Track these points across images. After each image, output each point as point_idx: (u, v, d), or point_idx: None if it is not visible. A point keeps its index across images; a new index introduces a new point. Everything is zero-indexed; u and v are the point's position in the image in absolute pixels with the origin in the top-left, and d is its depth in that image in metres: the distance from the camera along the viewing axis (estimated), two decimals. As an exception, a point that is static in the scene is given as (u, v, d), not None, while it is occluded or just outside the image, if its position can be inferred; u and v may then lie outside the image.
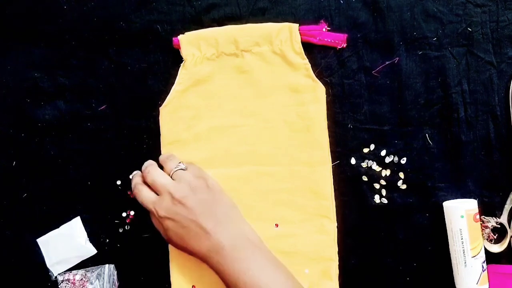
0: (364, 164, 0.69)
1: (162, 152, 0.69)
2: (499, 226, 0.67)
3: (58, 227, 0.71)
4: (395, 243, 0.69)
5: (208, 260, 0.61)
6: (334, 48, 0.69)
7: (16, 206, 0.72)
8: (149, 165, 0.66)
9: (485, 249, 0.67)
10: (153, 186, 0.64)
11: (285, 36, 0.68)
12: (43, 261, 0.71)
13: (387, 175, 0.69)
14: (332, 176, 0.68)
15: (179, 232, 0.62)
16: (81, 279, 0.71)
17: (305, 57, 0.68)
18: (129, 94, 0.71)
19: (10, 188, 0.72)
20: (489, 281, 0.67)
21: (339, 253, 0.68)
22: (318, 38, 0.68)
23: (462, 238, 0.65)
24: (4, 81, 0.71)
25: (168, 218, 0.62)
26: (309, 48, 0.68)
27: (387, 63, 0.68)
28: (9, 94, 0.71)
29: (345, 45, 0.68)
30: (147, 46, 0.70)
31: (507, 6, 0.67)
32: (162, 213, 0.62)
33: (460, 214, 0.65)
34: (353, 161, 0.69)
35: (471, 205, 0.65)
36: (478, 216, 0.66)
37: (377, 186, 0.69)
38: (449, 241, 0.67)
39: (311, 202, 0.66)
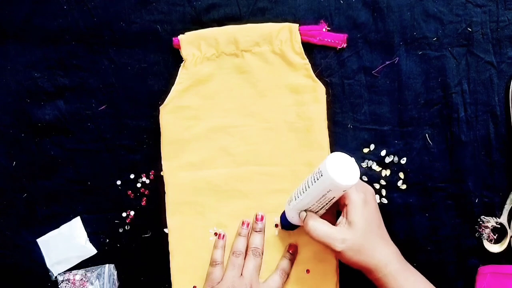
0: (364, 164, 0.69)
1: (162, 152, 0.69)
2: (499, 226, 0.67)
3: (58, 227, 0.72)
4: (395, 243, 0.69)
5: None
6: (334, 48, 0.69)
7: (16, 206, 0.72)
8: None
9: (485, 249, 0.67)
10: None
11: (285, 36, 0.68)
12: (43, 261, 0.72)
13: (387, 175, 0.69)
14: (332, 176, 0.68)
15: None
16: (81, 279, 0.71)
17: (305, 57, 0.68)
18: (129, 94, 0.71)
19: (10, 188, 0.72)
20: (488, 281, 0.67)
21: (339, 253, 0.68)
22: (318, 38, 0.68)
23: None
24: (4, 81, 0.71)
25: None
26: (309, 48, 0.68)
27: (387, 63, 0.68)
28: (9, 94, 0.71)
29: (345, 45, 0.68)
30: (147, 46, 0.70)
31: (507, 6, 0.67)
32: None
33: None
34: (353, 161, 0.69)
35: None
36: None
37: (377, 186, 0.69)
38: None
39: (311, 202, 0.66)
